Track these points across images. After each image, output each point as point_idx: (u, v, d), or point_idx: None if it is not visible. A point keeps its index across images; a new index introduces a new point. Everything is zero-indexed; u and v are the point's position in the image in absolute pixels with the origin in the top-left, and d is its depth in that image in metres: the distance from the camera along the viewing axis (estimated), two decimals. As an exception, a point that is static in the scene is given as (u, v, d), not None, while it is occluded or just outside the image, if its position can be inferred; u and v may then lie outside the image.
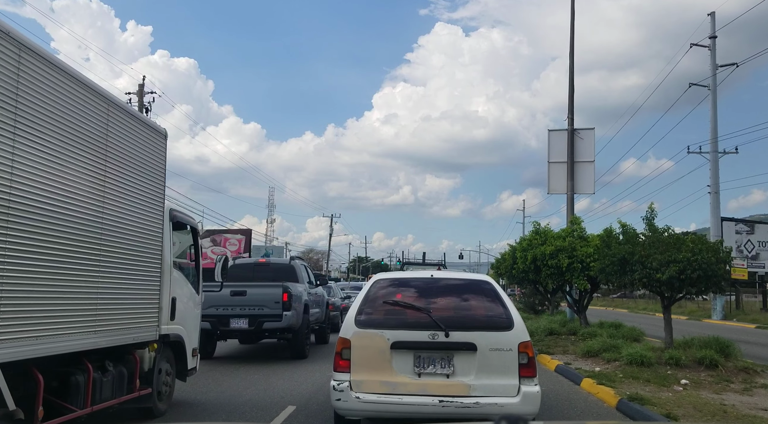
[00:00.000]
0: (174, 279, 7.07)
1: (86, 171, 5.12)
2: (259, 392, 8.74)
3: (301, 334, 12.48)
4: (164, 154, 6.71)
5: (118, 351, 5.91)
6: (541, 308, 25.42)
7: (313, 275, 15.95)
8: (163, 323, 6.74)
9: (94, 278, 5.23)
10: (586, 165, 19.37)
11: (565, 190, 19.44)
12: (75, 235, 4.94)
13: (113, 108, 5.59)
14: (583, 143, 19.40)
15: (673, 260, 10.38)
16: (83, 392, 5.18)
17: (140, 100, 31.45)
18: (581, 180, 19.34)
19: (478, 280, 6.09)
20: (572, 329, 16.15)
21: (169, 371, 7.13)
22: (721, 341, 10.82)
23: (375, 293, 5.80)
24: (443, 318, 5.43)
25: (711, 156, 34.01)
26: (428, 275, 6.18)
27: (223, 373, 10.52)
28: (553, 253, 16.25)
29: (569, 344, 14.31)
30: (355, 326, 5.51)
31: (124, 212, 5.75)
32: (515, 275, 21.27)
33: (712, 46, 33.24)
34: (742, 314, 33.65)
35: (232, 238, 55.91)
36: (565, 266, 15.93)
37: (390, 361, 5.35)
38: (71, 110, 4.90)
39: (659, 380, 9.02)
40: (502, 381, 5.29)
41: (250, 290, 11.93)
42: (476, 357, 5.32)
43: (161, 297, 6.69)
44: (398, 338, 5.39)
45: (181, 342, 7.26)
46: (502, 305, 5.62)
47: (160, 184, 6.60)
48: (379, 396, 5.31)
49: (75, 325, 4.98)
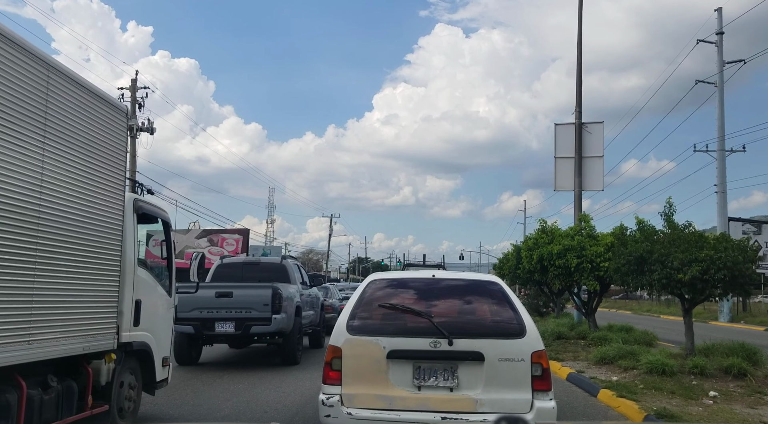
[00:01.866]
0: (139, 279, 6.19)
1: (17, 150, 4.24)
2: (240, 404, 7.86)
3: (292, 338, 11.58)
4: (124, 134, 5.82)
5: (66, 363, 5.04)
6: (545, 309, 24.52)
7: (308, 275, 15.07)
8: (124, 329, 5.86)
9: (26, 280, 4.35)
10: (595, 160, 18.47)
11: (573, 187, 18.54)
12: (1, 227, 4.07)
13: (55, 74, 4.70)
14: (591, 138, 18.51)
15: (695, 258, 9.50)
16: (14, 414, 4.30)
17: (133, 96, 30.55)
18: (589, 176, 18.44)
19: (485, 280, 5.45)
20: (581, 333, 15.25)
21: (133, 384, 6.25)
22: (747, 347, 9.94)
23: (370, 295, 5.18)
24: (446, 324, 4.83)
25: (718, 155, 33.26)
26: (429, 276, 5.48)
27: (204, 381, 9.65)
28: (560, 252, 15.37)
29: (579, 349, 13.43)
30: (346, 332, 4.90)
31: (69, 200, 4.86)
32: (520, 276, 20.39)
33: (719, 42, 32.45)
34: (750, 316, 32.86)
35: (229, 238, 55.33)
36: (573, 266, 15.05)
37: (386, 372, 4.76)
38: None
39: (685, 391, 8.13)
40: (512, 395, 4.67)
41: (237, 291, 11.02)
42: (483, 368, 4.72)
43: (122, 300, 5.81)
44: (395, 346, 4.79)
45: (148, 351, 6.38)
46: (512, 308, 5.02)
47: (119, 169, 5.72)
48: (373, 412, 4.70)
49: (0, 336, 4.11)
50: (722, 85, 32.70)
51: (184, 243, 53.95)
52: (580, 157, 18.42)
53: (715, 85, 33.30)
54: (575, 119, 18.68)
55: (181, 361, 11.28)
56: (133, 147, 30.27)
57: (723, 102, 32.34)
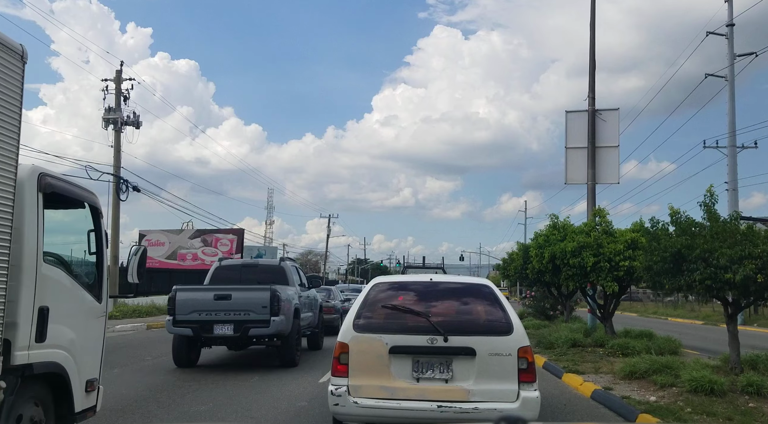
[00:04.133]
0: (46, 280, 4.65)
1: None
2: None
3: (290, 340, 11.45)
4: (18, 83, 4.31)
5: None
6: (553, 313, 22.92)
7: (306, 276, 14.75)
8: (19, 347, 4.33)
9: None
10: (609, 151, 16.93)
11: (586, 180, 17.00)
12: None
13: None
14: (606, 126, 16.98)
15: (747, 255, 7.98)
16: None
17: (118, 87, 29.01)
18: (604, 168, 16.89)
19: (478, 284, 6.01)
20: (598, 340, 13.71)
21: (38, 418, 4.70)
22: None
23: (374, 297, 5.72)
24: (442, 323, 5.37)
25: (729, 151, 31.89)
26: (428, 279, 5.98)
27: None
28: (575, 250, 13.86)
29: (600, 359, 11.89)
30: (353, 330, 5.45)
31: None
32: (528, 276, 18.88)
33: (730, 34, 31.07)
34: (763, 319, 31.41)
35: (223, 238, 53.75)
36: (590, 265, 13.53)
37: (388, 366, 5.30)
38: None
39: (745, 418, 6.61)
40: (501, 386, 5.21)
41: (236, 294, 10.96)
42: (475, 362, 5.25)
43: (15, 308, 4.30)
44: (397, 342, 5.33)
45: (61, 374, 4.85)
46: (501, 309, 5.52)
47: (9, 130, 4.20)
48: (377, 401, 5.24)
49: None
50: (733, 79, 31.38)
51: (177, 243, 52.52)
52: (594, 147, 16.89)
53: (725, 79, 31.95)
54: (588, 106, 17.16)
55: (180, 363, 11.29)
56: (118, 141, 28.77)
57: (734, 96, 31.03)
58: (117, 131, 28.75)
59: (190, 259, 51.36)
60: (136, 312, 24.13)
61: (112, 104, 28.88)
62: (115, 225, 28.29)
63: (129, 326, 20.27)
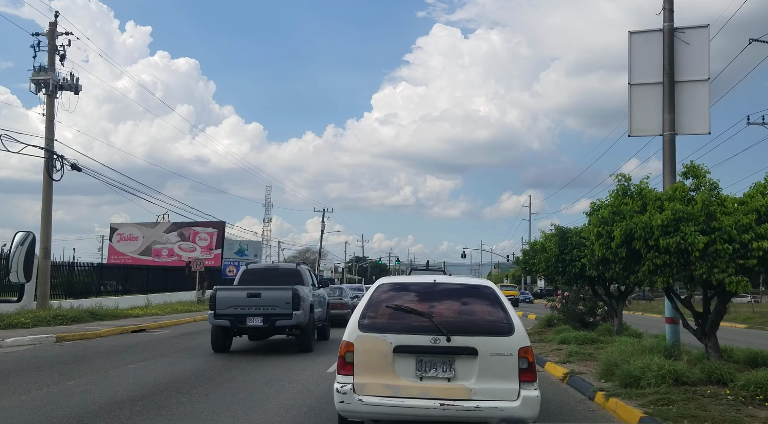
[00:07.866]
0: None
1: None
2: None
3: (308, 330, 13.88)
4: None
5: None
6: (593, 319, 17.48)
7: (317, 278, 17.25)
8: None
9: None
10: (697, 87, 11.56)
11: (660, 130, 11.65)
12: None
13: None
14: (689, 51, 11.64)
15: None
16: None
17: (51, 43, 23.69)
18: (687, 111, 11.55)
19: (480, 285, 6.13)
20: (711, 372, 8.40)
21: None
22: None
23: (378, 297, 5.85)
24: (445, 323, 5.47)
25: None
26: (431, 280, 6.13)
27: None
28: (669, 224, 8.59)
29: (734, 411, 6.64)
30: (358, 329, 5.58)
31: None
32: (568, 271, 13.67)
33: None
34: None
35: (202, 232, 48.05)
36: (700, 248, 8.24)
37: (392, 364, 5.42)
38: None
39: None
40: (502, 385, 5.27)
41: (264, 292, 13.43)
42: (477, 361, 5.33)
43: None
44: (401, 342, 5.44)
45: None
46: (503, 309, 5.61)
47: None
48: (381, 399, 5.37)
49: None
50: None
51: (152, 237, 47.18)
52: (672, 82, 11.56)
53: None
54: (663, 22, 11.82)
55: (217, 349, 13.59)
56: (51, 109, 23.41)
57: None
58: (49, 96, 23.42)
59: (165, 255, 46.05)
60: (57, 318, 18.61)
61: (45, 63, 23.63)
62: (47, 209, 22.90)
63: (28, 339, 14.99)
